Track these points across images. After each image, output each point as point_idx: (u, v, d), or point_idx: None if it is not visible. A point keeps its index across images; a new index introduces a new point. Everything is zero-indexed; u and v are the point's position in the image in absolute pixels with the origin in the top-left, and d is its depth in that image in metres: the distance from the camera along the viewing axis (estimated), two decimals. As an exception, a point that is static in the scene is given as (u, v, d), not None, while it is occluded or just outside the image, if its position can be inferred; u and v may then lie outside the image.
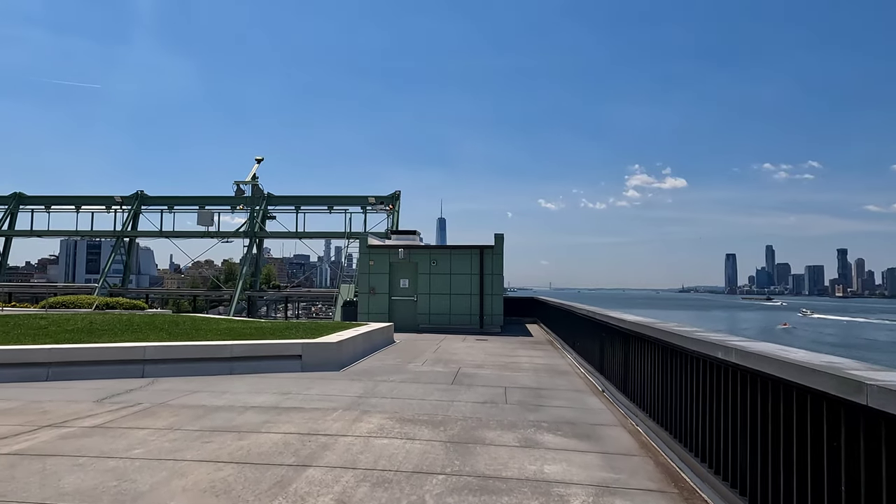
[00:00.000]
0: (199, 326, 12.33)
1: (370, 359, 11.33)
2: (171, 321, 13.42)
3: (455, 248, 19.12)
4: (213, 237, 26.41)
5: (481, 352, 13.08)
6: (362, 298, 19.19)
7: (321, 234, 26.61)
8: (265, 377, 8.87)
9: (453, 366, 10.61)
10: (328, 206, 26.69)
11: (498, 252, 18.85)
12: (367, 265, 19.24)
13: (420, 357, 11.85)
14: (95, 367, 8.74)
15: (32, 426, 5.73)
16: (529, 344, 15.20)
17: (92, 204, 27.87)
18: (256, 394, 7.53)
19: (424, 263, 19.04)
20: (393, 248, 19.28)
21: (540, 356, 12.47)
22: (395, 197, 26.32)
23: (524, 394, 7.97)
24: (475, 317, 18.71)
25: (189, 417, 6.15)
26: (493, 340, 15.89)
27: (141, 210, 27.64)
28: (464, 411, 6.74)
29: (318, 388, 8.07)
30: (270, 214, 27.03)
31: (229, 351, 9.32)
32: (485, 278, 18.75)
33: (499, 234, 19.03)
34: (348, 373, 9.51)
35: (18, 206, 28.34)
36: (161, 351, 9.04)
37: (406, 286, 19.19)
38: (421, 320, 18.85)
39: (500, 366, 10.77)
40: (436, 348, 13.60)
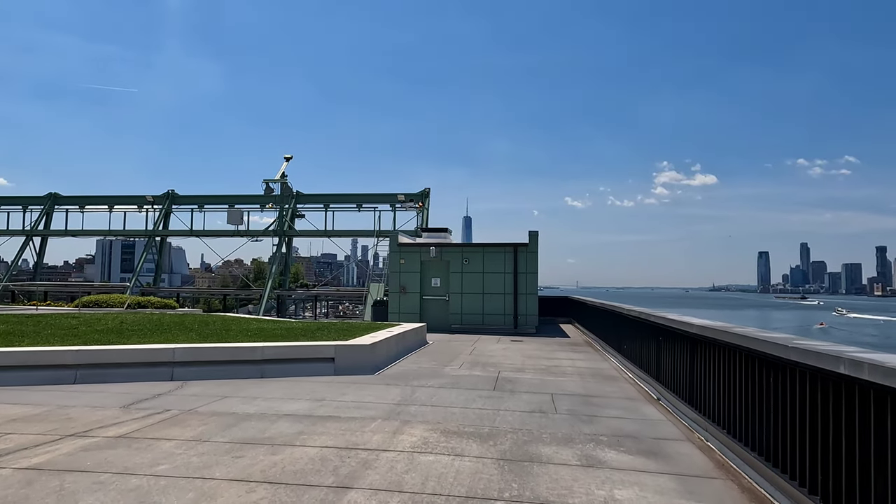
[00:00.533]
0: (229, 326, 12.03)
1: (404, 361, 10.86)
2: (201, 321, 13.17)
3: (488, 246, 18.56)
4: (242, 236, 26.34)
5: (519, 354, 12.51)
6: (393, 298, 18.77)
7: (350, 232, 26.35)
8: (297, 381, 8.46)
9: (492, 370, 10.07)
10: (357, 203, 26.37)
11: (532, 250, 18.23)
12: (398, 264, 18.80)
13: (456, 359, 11.34)
14: (124, 370, 8.43)
15: (55, 435, 5.37)
16: (568, 346, 14.57)
17: (124, 204, 28.08)
18: (289, 400, 7.10)
19: (456, 262, 18.52)
20: (424, 246, 18.81)
21: (582, 359, 11.84)
22: (425, 194, 25.86)
23: (573, 402, 7.39)
24: (509, 317, 18.13)
25: (219, 427, 5.74)
26: (528, 342, 15.30)
27: (172, 209, 27.74)
28: (511, 422, 6.20)
29: (353, 393, 7.61)
30: (299, 213, 26.84)
31: (260, 353, 8.94)
32: (519, 277, 18.15)
33: (533, 231, 18.41)
34: (383, 377, 9.04)
35: (54, 206, 28.72)
36: (190, 353, 8.70)
37: (437, 285, 18.70)
38: (453, 320, 18.35)
39: (541, 370, 10.19)
40: (471, 350, 13.08)
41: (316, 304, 25.33)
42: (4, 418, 6.05)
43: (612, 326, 12.63)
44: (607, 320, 13.48)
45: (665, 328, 7.19)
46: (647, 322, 8.26)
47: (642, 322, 8.59)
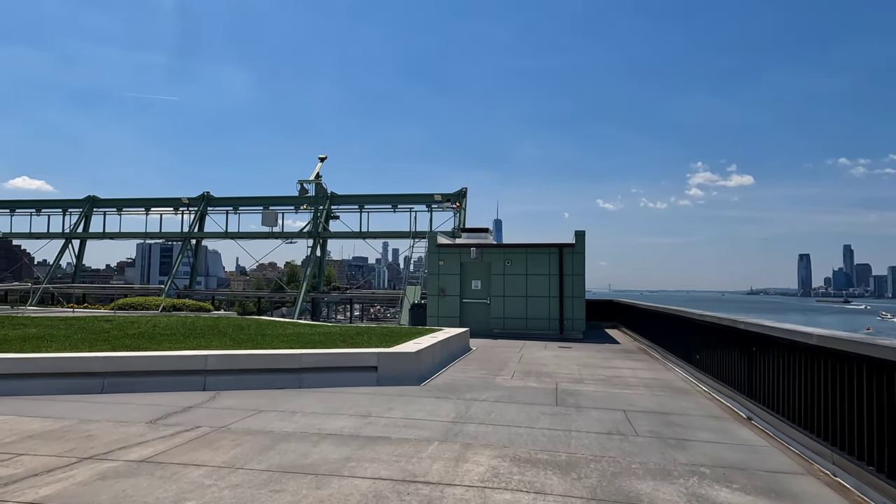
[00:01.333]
0: (264, 331, 11.41)
1: (450, 370, 10.05)
2: (235, 325, 12.62)
3: (531, 247, 17.63)
4: (277, 238, 25.98)
5: (572, 362, 11.58)
6: (431, 301, 18.00)
7: (385, 233, 25.69)
8: (338, 392, 7.72)
9: (548, 380, 9.18)
10: (392, 204, 25.75)
11: (579, 250, 17.23)
12: (437, 265, 18.03)
13: (505, 368, 10.48)
14: (154, 379, 7.83)
15: (71, 457, 4.72)
16: (621, 353, 13.55)
17: (161, 206, 28.06)
18: (331, 415, 6.36)
19: (498, 263, 17.65)
20: (464, 247, 18.00)
21: (642, 368, 10.84)
22: (462, 194, 25.06)
23: (652, 420, 6.46)
24: (554, 321, 17.16)
25: (254, 449, 5.01)
26: (578, 348, 14.33)
27: (207, 211, 27.58)
28: (589, 447, 5.32)
29: (401, 408, 6.83)
30: (334, 214, 26.35)
31: (297, 361, 8.24)
32: (565, 279, 17.17)
33: (580, 230, 17.41)
34: (431, 388, 8.24)
35: (92, 209, 28.89)
36: (224, 361, 8.05)
37: (478, 288, 17.86)
38: (494, 325, 17.48)
39: (602, 381, 9.25)
40: (519, 357, 12.20)
41: (351, 306, 24.74)
42: (21, 434, 5.45)
43: (673, 332, 11.59)
44: (666, 325, 12.43)
45: (764, 337, 6.21)
46: (732, 329, 7.26)
47: (725, 329, 7.59)
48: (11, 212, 29.97)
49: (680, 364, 10.79)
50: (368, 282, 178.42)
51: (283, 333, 10.94)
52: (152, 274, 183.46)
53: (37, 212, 29.54)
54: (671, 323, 11.77)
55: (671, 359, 11.67)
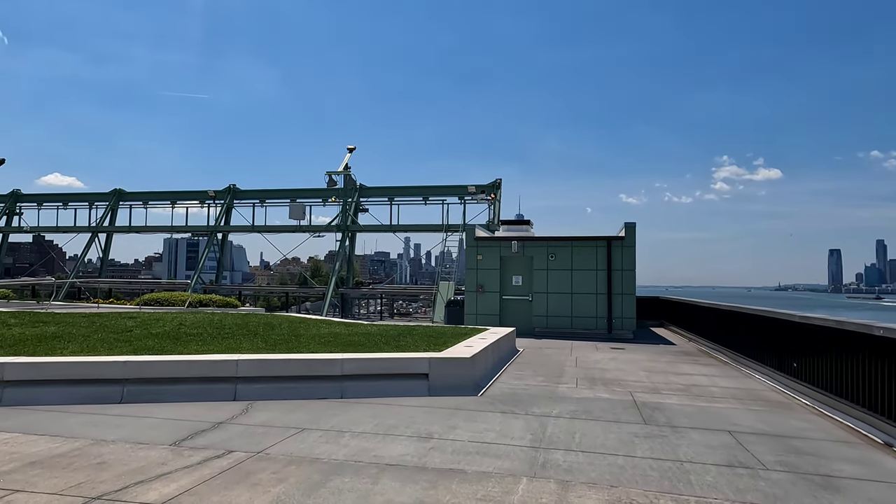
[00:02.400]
0: (297, 331, 10.49)
1: (505, 376, 8.99)
2: (265, 323, 11.73)
3: (577, 240, 16.46)
4: (304, 231, 25.17)
5: (634, 366, 10.44)
6: (469, 297, 16.96)
7: (416, 226, 24.69)
8: (387, 405, 6.72)
9: (618, 390, 8.08)
10: (423, 196, 24.75)
11: (629, 244, 16.01)
12: (475, 260, 16.97)
13: (563, 374, 9.39)
14: (179, 387, 6.93)
15: (75, 496, 3.79)
16: (683, 355, 12.35)
17: (186, 199, 27.49)
18: (386, 437, 5.35)
19: (541, 257, 16.52)
20: (504, 240, 16.90)
21: (718, 375, 9.65)
22: (497, 186, 23.94)
23: (771, 447, 5.33)
24: (602, 320, 15.99)
25: (302, 487, 4.03)
26: (633, 350, 13.16)
27: (233, 204, 26.89)
28: (717, 486, 4.22)
29: (465, 426, 5.80)
30: (363, 207, 25.44)
31: (339, 368, 7.27)
32: (613, 274, 15.98)
33: (630, 222, 16.18)
34: (491, 399, 7.20)
35: (118, 202, 28.44)
36: (257, 366, 7.12)
37: (519, 284, 16.75)
38: (537, 323, 16.37)
39: (680, 391, 8.11)
40: (573, 360, 11.10)
41: (382, 302, 23.83)
42: (23, 460, 4.56)
43: (753, 335, 10.38)
44: (741, 327, 11.22)
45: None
46: (861, 335, 6.06)
47: (849, 335, 6.38)
48: (38, 205, 29.71)
49: (760, 370, 9.59)
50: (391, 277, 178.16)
51: (318, 334, 10.00)
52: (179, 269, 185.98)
53: (63, 205, 29.23)
54: (750, 324, 10.55)
55: (747, 363, 10.46)
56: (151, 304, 19.87)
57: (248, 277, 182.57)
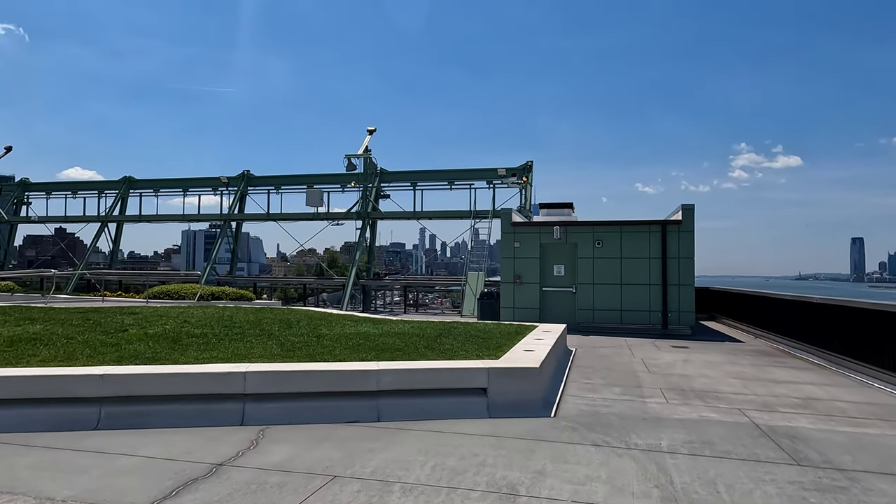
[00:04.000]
0: (318, 330, 8.95)
1: (572, 387, 7.36)
2: (281, 320, 10.22)
3: (627, 224, 14.71)
4: (322, 219, 23.66)
5: (717, 371, 8.75)
6: (505, 289, 15.31)
7: (442, 213, 23.00)
8: (439, 432, 5.14)
9: (723, 406, 6.41)
10: (448, 181, 23.07)
11: (687, 228, 14.22)
12: (512, 247, 15.30)
13: (641, 382, 7.74)
14: (170, 406, 5.41)
15: None
16: (763, 356, 10.61)
17: (198, 186, 26.10)
18: (452, 493, 3.76)
19: (586, 244, 14.80)
20: (544, 225, 15.21)
21: (828, 384, 7.92)
22: (528, 168, 22.18)
23: None
24: (656, 314, 14.26)
25: None
26: (699, 348, 11.44)
27: (247, 191, 25.45)
28: None
29: (557, 472, 4.19)
30: (384, 193, 23.86)
31: (374, 381, 5.69)
32: (669, 263, 14.22)
33: (688, 205, 14.38)
34: (571, 422, 5.58)
35: (129, 190, 27.15)
36: (270, 380, 5.57)
37: (561, 274, 15.07)
38: (581, 317, 14.69)
39: (799, 406, 6.43)
40: (640, 362, 9.43)
41: (406, 295, 22.29)
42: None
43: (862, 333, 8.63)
44: (839, 323, 9.46)
45: None
46: None
47: None
48: (47, 195, 28.55)
49: (874, 374, 7.86)
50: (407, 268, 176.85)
51: (343, 334, 8.44)
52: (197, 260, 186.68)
53: (73, 194, 28.04)
54: (849, 319, 8.79)
55: (849, 365, 8.74)
56: (161, 296, 18.54)
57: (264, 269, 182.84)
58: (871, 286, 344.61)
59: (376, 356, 6.60)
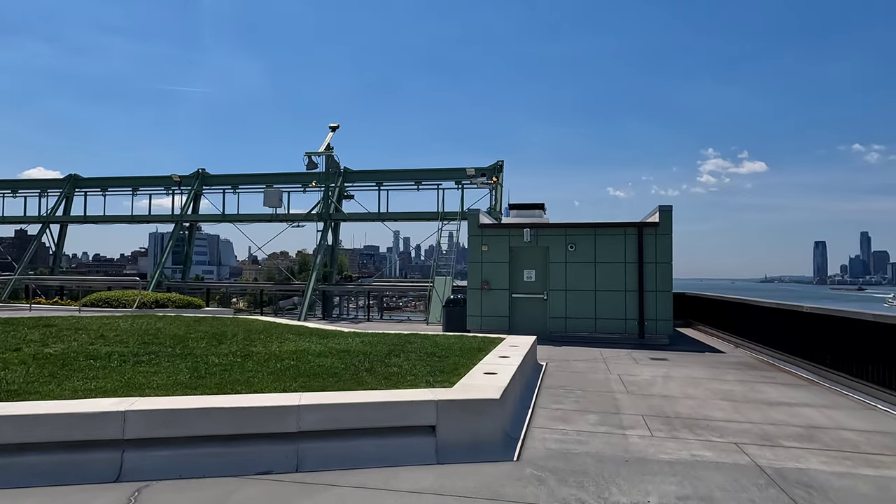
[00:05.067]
0: (250, 347, 7.75)
1: (541, 415, 6.31)
2: (214, 334, 8.97)
3: (602, 227, 13.78)
4: (281, 221, 22.29)
5: (702, 390, 7.81)
6: (472, 296, 14.26)
7: (408, 214, 21.83)
8: (373, 490, 4.03)
9: (716, 439, 5.44)
10: (416, 181, 21.94)
11: (665, 231, 13.36)
12: (479, 251, 14.26)
13: (619, 406, 6.74)
14: (23, 458, 4.18)
15: None
16: (748, 370, 9.75)
17: (149, 186, 24.50)
18: None
19: (558, 248, 13.84)
20: (514, 227, 14.19)
21: (827, 406, 7.03)
22: (499, 168, 21.19)
23: None
24: (632, 322, 13.35)
25: None
26: (680, 361, 10.54)
27: (202, 191, 23.94)
28: None
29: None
30: (348, 193, 22.62)
31: (295, 419, 4.54)
32: (646, 268, 13.33)
33: (666, 206, 13.52)
34: (538, 469, 4.51)
35: (74, 189, 25.35)
36: (158, 421, 4.37)
37: (532, 279, 14.08)
38: (553, 326, 13.72)
39: (803, 438, 5.49)
40: (617, 379, 8.46)
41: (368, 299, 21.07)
42: None
43: (863, 348, 7.79)
44: (833, 335, 8.63)
45: None
46: None
47: None
48: (-15, 194, 26.52)
49: (878, 395, 7.01)
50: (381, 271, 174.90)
51: (277, 353, 7.24)
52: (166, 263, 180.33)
53: (12, 193, 26.08)
54: (854, 334, 7.95)
55: (848, 383, 7.90)
56: (98, 304, 16.99)
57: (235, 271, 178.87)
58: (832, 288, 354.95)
59: (305, 384, 5.44)
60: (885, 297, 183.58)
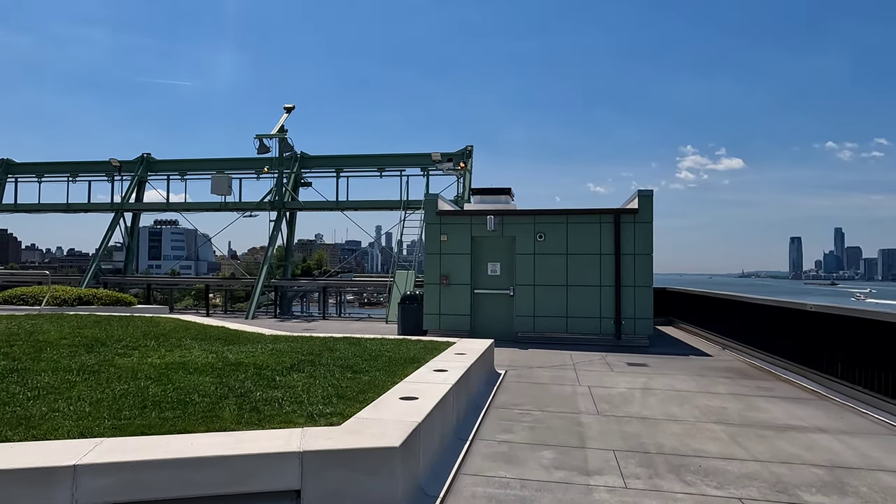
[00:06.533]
0: (116, 360, 6.03)
1: (480, 455, 4.71)
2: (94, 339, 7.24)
3: (574, 214, 12.23)
4: (231, 210, 20.43)
5: (691, 410, 6.31)
6: (430, 292, 12.64)
7: (369, 203, 20.04)
8: None
9: (714, 494, 3.90)
10: (378, 167, 20.21)
11: (645, 219, 11.86)
12: (438, 241, 12.64)
13: (587, 440, 5.18)
14: None
15: None
16: (742, 378, 8.28)
17: (88, 171, 22.44)
18: None
19: (525, 237, 12.27)
20: (476, 214, 12.59)
21: (850, 432, 5.55)
22: (467, 153, 19.55)
23: None
24: (608, 321, 11.84)
25: None
26: (662, 367, 9.06)
27: (147, 177, 21.96)
28: None
29: None
30: (305, 180, 20.85)
31: (67, 490, 2.87)
32: (623, 260, 11.83)
33: (646, 191, 12.00)
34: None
35: (6, 174, 23.16)
36: None
37: (497, 273, 12.50)
38: (520, 325, 12.16)
39: (832, 488, 3.97)
40: (587, 394, 6.91)
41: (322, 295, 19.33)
42: None
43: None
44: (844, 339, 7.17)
45: None
46: None
47: None
48: None
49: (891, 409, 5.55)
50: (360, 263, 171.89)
51: (144, 367, 5.54)
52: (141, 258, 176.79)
53: (-61, 180, 23.77)
54: (878, 339, 6.48)
55: (864, 397, 6.45)
56: (13, 301, 15.09)
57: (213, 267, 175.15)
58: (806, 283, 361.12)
59: (126, 423, 3.76)
60: (855, 291, 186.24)
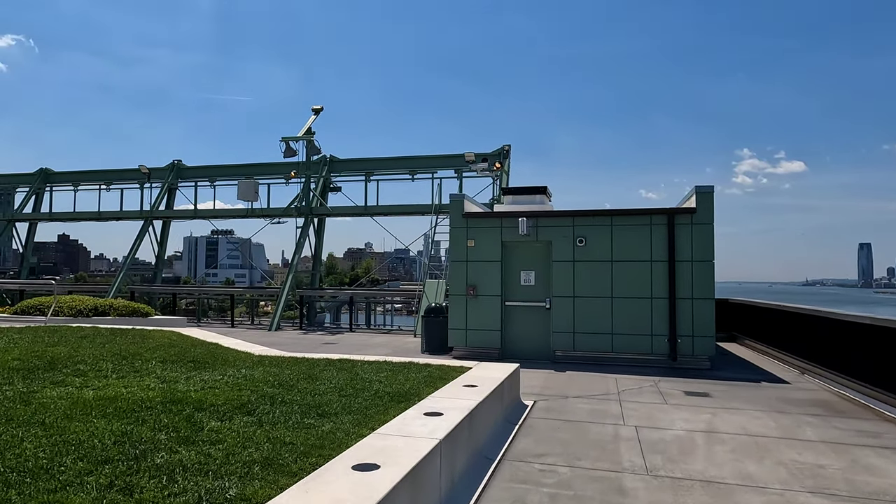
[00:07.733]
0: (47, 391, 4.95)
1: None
2: (59, 358, 6.28)
3: (620, 215, 10.65)
4: (259, 217, 19.73)
5: (775, 466, 4.74)
6: (455, 304, 11.28)
7: (398, 207, 18.88)
8: None
9: None
10: (409, 170, 19.10)
11: (704, 220, 10.16)
12: (464, 247, 11.28)
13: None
14: None
15: None
16: (831, 417, 6.56)
17: (121, 179, 22.19)
18: None
19: (563, 242, 10.76)
20: (507, 216, 11.18)
21: None
22: (504, 153, 18.17)
23: None
24: (660, 339, 10.18)
25: None
26: (729, 401, 7.39)
27: (177, 185, 21.56)
28: None
29: None
30: (334, 185, 19.93)
31: None
32: (678, 268, 10.17)
33: (705, 187, 10.29)
34: None
35: (45, 184, 23.28)
36: None
37: (531, 282, 11.03)
38: (557, 343, 10.64)
39: None
40: (632, 442, 5.41)
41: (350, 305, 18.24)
42: None
43: None
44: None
45: None
46: None
47: None
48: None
49: None
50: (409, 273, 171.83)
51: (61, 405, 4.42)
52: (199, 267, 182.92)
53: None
54: None
55: None
56: (30, 311, 14.68)
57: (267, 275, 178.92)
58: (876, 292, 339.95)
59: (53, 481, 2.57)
60: None
